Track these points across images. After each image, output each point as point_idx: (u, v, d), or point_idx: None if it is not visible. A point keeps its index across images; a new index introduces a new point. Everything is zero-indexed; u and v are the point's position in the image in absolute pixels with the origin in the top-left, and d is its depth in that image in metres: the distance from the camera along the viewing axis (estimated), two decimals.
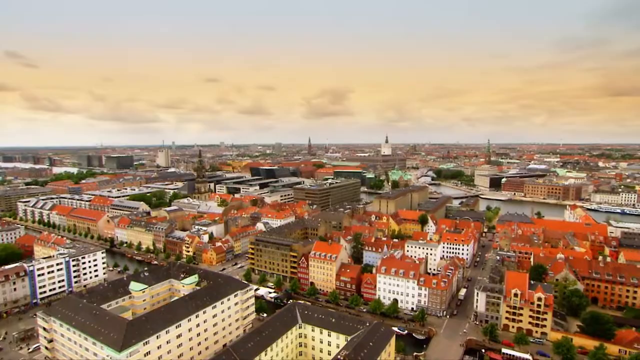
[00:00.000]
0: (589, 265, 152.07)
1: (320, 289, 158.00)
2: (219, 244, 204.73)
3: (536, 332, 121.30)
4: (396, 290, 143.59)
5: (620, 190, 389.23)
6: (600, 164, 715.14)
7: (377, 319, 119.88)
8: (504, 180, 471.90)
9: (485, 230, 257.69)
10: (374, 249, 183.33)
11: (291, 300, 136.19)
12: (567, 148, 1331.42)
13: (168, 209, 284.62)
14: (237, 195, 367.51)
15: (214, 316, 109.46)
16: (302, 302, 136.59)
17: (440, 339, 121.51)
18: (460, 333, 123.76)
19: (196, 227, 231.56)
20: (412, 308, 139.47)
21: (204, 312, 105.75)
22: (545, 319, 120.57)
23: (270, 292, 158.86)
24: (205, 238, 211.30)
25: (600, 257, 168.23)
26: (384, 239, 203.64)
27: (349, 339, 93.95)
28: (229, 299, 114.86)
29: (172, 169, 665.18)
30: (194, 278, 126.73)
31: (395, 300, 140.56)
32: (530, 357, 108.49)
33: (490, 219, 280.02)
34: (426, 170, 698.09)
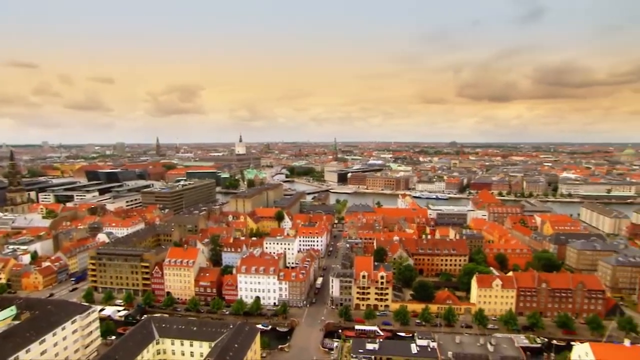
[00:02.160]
0: (416, 243, 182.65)
1: (179, 298, 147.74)
2: (46, 263, 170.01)
3: (381, 306, 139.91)
4: (258, 287, 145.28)
5: (434, 180, 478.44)
6: (421, 159, 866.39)
7: (240, 320, 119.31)
8: (349, 175, 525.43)
9: (336, 221, 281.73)
10: (233, 250, 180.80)
11: (145, 316, 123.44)
12: (397, 146, 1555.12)
13: None
14: (69, 204, 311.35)
15: (44, 353, 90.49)
16: (159, 315, 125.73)
17: (302, 328, 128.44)
18: (319, 319, 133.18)
19: (11, 247, 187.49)
20: (274, 303, 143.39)
21: (27, 352, 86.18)
22: (387, 294, 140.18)
23: (119, 311, 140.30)
24: (26, 259, 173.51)
25: (424, 236, 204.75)
26: (243, 238, 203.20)
27: (212, 345, 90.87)
28: (63, 328, 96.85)
29: None
30: (9, 311, 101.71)
31: (258, 298, 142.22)
32: (377, 328, 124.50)
33: (340, 211, 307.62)
34: (280, 168, 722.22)
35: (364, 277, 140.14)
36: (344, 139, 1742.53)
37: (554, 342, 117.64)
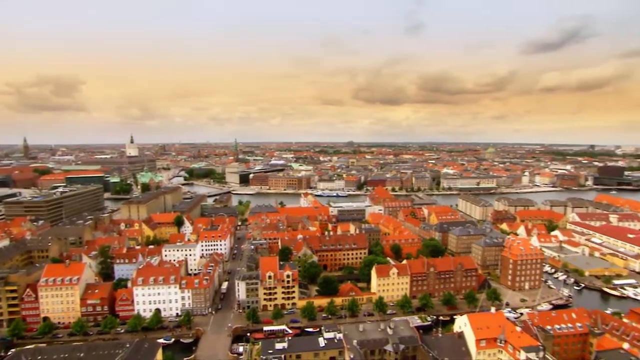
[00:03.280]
0: (319, 240, 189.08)
1: (60, 323, 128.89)
2: None
3: (288, 304, 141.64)
4: (157, 299, 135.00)
5: (334, 178, 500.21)
6: (321, 158, 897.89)
7: (139, 336, 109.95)
8: (251, 176, 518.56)
9: (240, 223, 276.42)
10: (127, 261, 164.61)
11: (13, 350, 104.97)
12: (298, 146, 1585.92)
13: None
14: None
15: None
16: (32, 346, 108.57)
17: (208, 336, 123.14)
18: (226, 325, 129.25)
19: None
20: (177, 313, 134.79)
21: None
22: (294, 292, 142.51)
23: None
24: None
25: (326, 232, 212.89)
26: (138, 247, 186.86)
27: None
28: None
29: None
30: None
31: (158, 310, 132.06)
32: (285, 327, 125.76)
33: (243, 212, 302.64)
34: (178, 170, 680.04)
35: (270, 277, 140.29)
36: (244, 140, 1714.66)
37: (441, 318, 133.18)
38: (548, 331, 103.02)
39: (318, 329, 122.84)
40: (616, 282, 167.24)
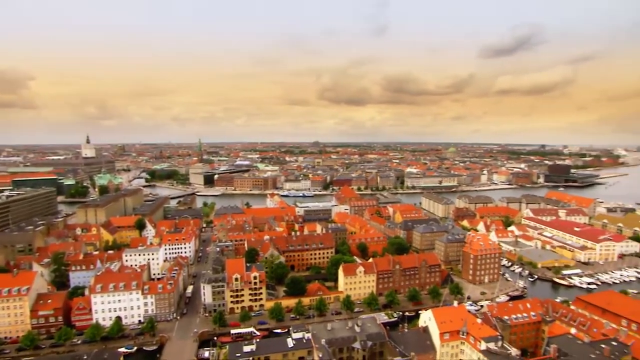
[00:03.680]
0: (286, 241, 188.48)
1: (7, 337, 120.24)
2: None
3: (256, 306, 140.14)
4: (118, 306, 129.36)
5: (300, 178, 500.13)
6: (287, 158, 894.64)
7: (97, 347, 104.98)
8: (216, 176, 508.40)
9: (205, 225, 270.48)
10: (83, 267, 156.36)
11: None
12: (264, 146, 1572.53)
13: None
14: None
15: None
16: None
17: (173, 342, 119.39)
18: (192, 330, 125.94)
19: None
20: (140, 320, 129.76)
21: None
22: (261, 293, 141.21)
23: None
24: None
25: (293, 233, 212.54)
26: (96, 253, 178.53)
27: None
28: None
29: None
30: None
31: (119, 318, 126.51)
32: (253, 329, 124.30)
33: (208, 214, 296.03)
34: (139, 171, 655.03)
35: (236, 279, 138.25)
36: (209, 140, 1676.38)
37: (407, 313, 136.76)
38: (506, 321, 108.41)
39: (286, 330, 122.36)
40: (565, 272, 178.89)
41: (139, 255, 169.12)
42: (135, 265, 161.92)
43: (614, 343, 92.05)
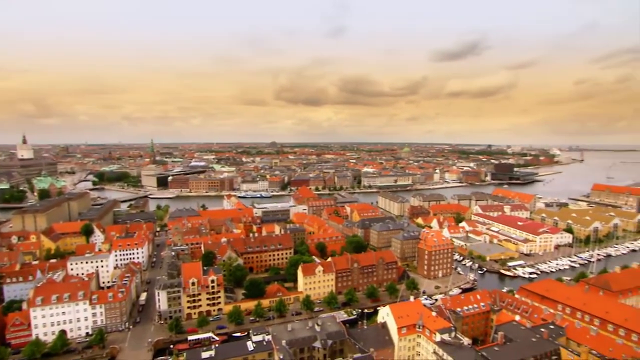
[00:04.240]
0: (244, 242, 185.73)
1: None
2: None
3: (214, 310, 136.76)
4: (62, 319, 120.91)
5: (258, 179, 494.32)
6: (244, 159, 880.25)
7: None
8: (170, 178, 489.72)
9: (158, 229, 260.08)
10: (21, 279, 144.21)
11: None
12: (220, 147, 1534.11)
13: None
14: None
15: None
16: None
17: (126, 353, 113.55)
18: (147, 339, 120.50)
19: None
20: (88, 332, 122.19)
21: None
22: (219, 297, 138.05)
23: None
24: None
25: (251, 234, 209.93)
26: (36, 262, 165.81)
27: None
28: None
29: None
30: None
31: (63, 332, 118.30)
32: (211, 334, 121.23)
33: (162, 217, 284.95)
34: (86, 174, 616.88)
35: (193, 284, 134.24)
36: (162, 140, 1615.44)
37: (366, 310, 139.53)
38: (458, 313, 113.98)
39: (246, 333, 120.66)
40: (510, 264, 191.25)
41: (86, 263, 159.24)
42: (82, 274, 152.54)
43: (551, 326, 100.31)
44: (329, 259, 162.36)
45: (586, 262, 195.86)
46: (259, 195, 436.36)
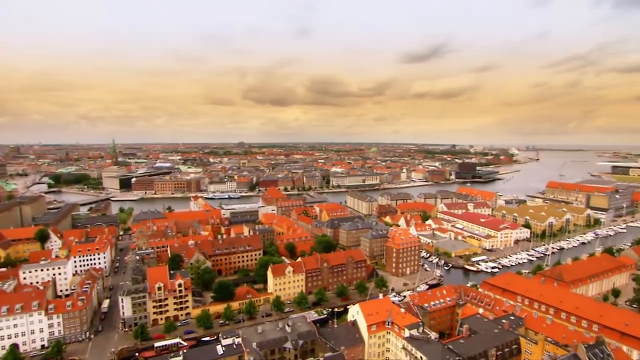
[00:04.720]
0: (212, 244, 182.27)
1: None
2: None
3: (182, 315, 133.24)
4: (14, 332, 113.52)
5: (225, 180, 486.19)
6: (211, 159, 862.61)
7: None
8: (134, 180, 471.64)
9: (122, 232, 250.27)
10: None
11: None
12: (186, 147, 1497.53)
13: None
14: None
15: None
16: None
17: None
18: (110, 348, 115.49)
19: None
20: (44, 345, 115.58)
21: None
22: (187, 301, 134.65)
23: None
24: None
25: (219, 236, 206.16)
26: None
27: None
28: None
29: None
30: None
31: (15, 346, 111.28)
32: (179, 340, 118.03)
33: (125, 221, 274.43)
34: (40, 176, 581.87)
35: (159, 288, 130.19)
36: (124, 141, 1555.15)
37: (336, 309, 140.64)
38: (425, 308, 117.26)
39: (215, 337, 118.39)
40: (473, 259, 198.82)
41: (41, 270, 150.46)
42: (37, 282, 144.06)
43: (512, 317, 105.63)
44: (299, 259, 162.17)
45: (542, 255, 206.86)
46: (226, 197, 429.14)
